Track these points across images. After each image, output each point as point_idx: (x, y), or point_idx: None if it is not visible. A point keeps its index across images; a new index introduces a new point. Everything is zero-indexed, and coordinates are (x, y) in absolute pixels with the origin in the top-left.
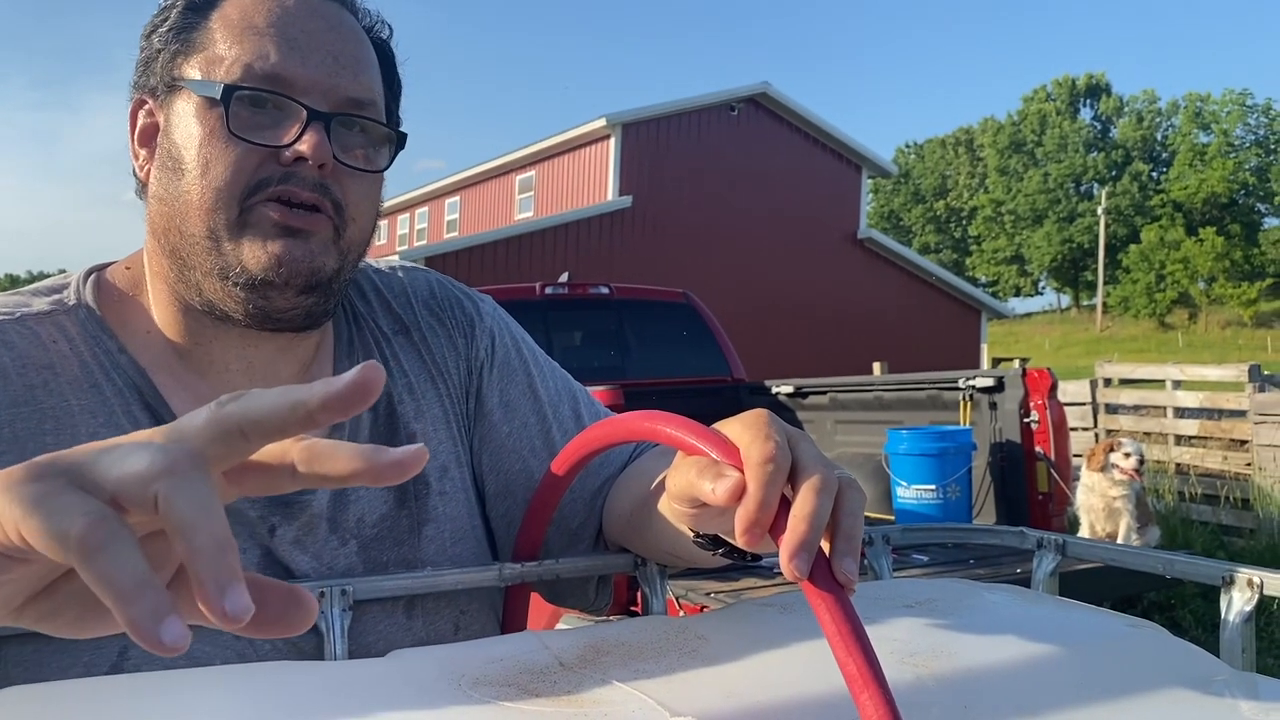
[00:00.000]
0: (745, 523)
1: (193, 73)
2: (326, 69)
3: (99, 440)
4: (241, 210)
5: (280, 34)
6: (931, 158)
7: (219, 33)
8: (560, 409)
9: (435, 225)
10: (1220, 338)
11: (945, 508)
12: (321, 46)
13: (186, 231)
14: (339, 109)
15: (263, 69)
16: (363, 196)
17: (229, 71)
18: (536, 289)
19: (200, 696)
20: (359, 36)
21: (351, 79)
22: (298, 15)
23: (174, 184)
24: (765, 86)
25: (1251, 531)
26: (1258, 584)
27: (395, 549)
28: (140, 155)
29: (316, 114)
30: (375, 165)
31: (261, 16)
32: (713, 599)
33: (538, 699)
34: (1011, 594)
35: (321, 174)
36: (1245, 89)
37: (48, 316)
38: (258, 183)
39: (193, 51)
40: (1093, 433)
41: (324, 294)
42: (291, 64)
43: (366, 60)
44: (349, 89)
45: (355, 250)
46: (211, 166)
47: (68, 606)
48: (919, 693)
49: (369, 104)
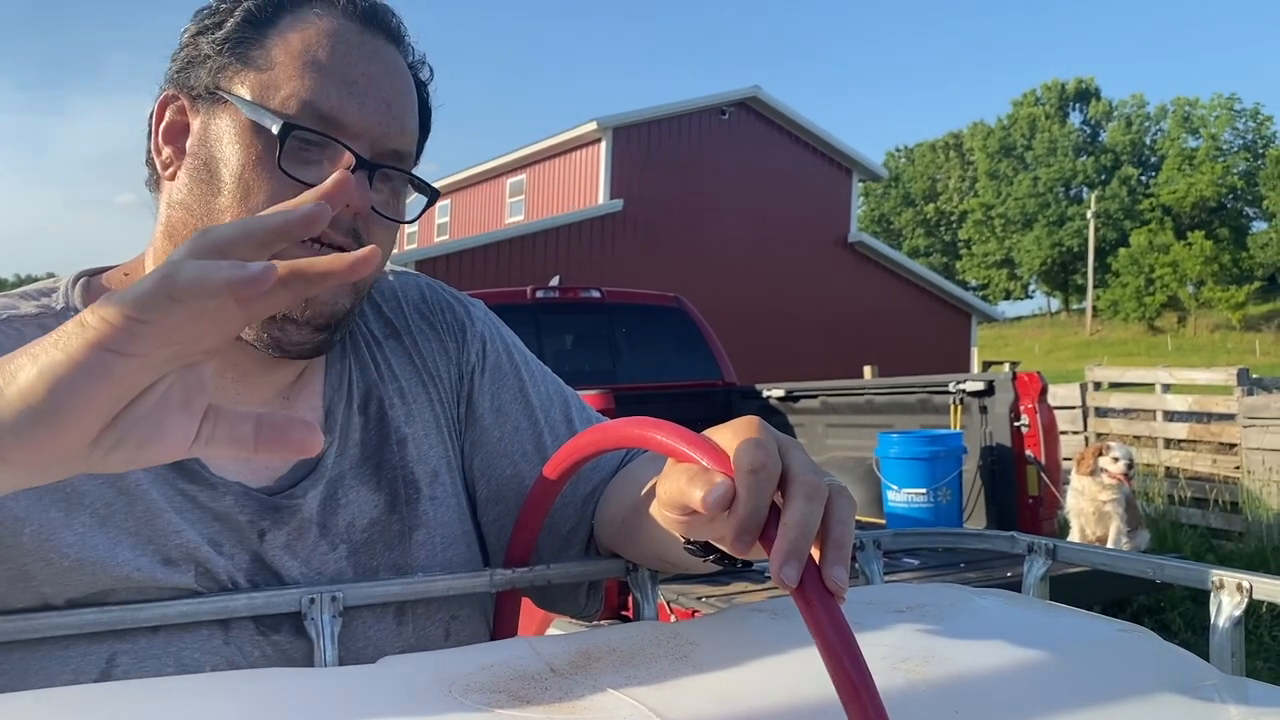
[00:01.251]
0: (735, 530)
1: (242, 90)
2: (380, 117)
3: None
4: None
5: (343, 75)
6: (922, 161)
7: (279, 58)
8: (551, 413)
9: (425, 229)
10: (1209, 341)
11: (936, 511)
12: (378, 93)
13: None
14: (382, 157)
15: (323, 109)
16: (385, 241)
17: (285, 103)
18: (528, 293)
19: (189, 704)
20: (408, 83)
21: (400, 130)
22: (360, 57)
23: (207, 198)
24: (756, 90)
25: (1240, 534)
26: (1247, 588)
27: (386, 554)
28: (164, 151)
29: (365, 162)
30: (403, 215)
31: (325, 52)
32: (704, 604)
33: (529, 705)
34: (1002, 598)
35: (355, 220)
36: (1233, 93)
37: (34, 319)
38: None
39: (247, 68)
40: (1083, 436)
41: (338, 330)
42: (349, 108)
43: (413, 109)
44: (395, 140)
45: (366, 288)
46: (252, 194)
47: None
48: (910, 698)
49: (407, 156)
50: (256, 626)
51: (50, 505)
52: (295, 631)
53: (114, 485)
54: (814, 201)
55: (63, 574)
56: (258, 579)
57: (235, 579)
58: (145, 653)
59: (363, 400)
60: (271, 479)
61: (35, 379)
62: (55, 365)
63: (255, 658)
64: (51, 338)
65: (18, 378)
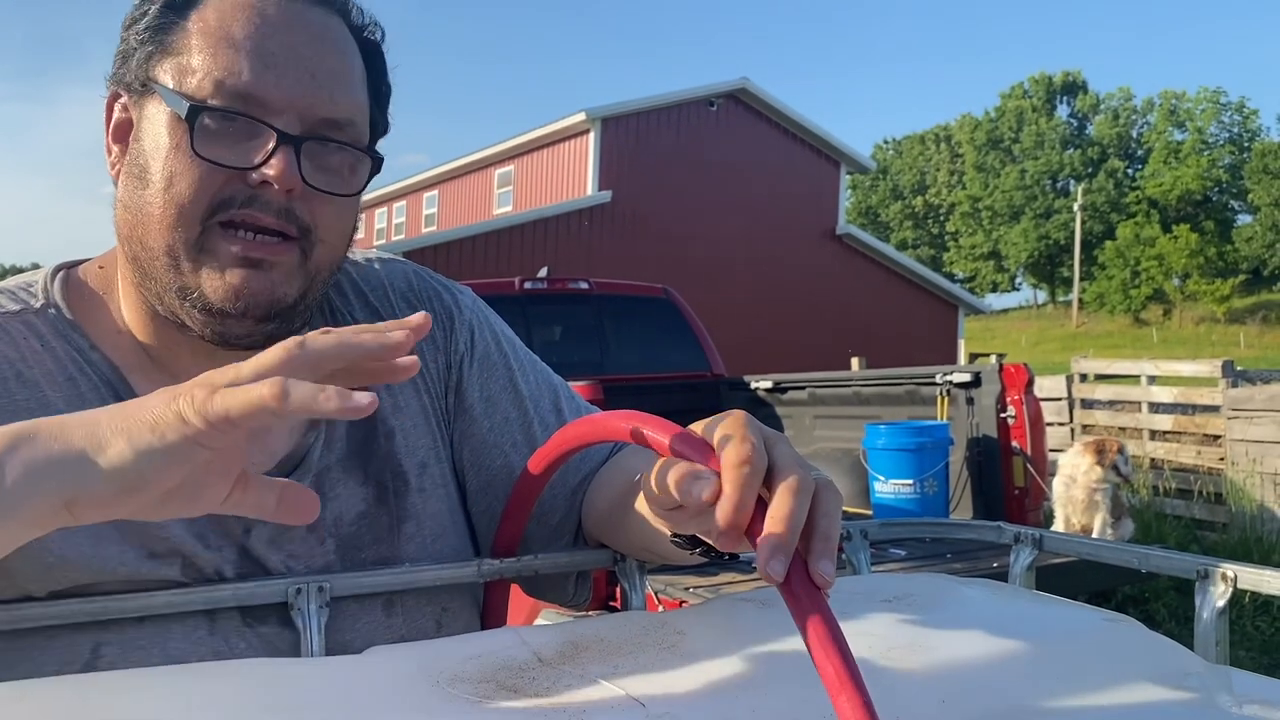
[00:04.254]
0: (722, 525)
1: (165, 78)
2: (303, 87)
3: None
4: (203, 230)
5: (256, 48)
6: (910, 154)
7: (195, 39)
8: (541, 403)
9: (413, 219)
10: (1194, 334)
11: (923, 502)
12: (299, 63)
13: (147, 244)
14: (314, 129)
15: (234, 86)
16: (334, 218)
17: (199, 85)
18: (516, 284)
19: (175, 694)
20: (343, 48)
21: (328, 98)
22: (278, 27)
23: (138, 193)
24: (744, 82)
25: (1224, 526)
26: (1231, 578)
27: (374, 547)
28: (113, 151)
29: (286, 136)
30: (349, 188)
31: (239, 27)
32: (692, 594)
33: (516, 696)
34: (989, 588)
35: (289, 198)
36: (1219, 87)
37: (17, 315)
38: (220, 202)
39: (168, 54)
40: (1068, 428)
41: (286, 319)
42: (265, 82)
43: (348, 75)
44: (325, 109)
45: (325, 270)
46: (175, 182)
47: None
48: (897, 688)
49: (346, 124)
50: (243, 617)
51: None
52: (282, 622)
53: None
54: (802, 193)
55: (46, 570)
56: (244, 572)
57: (222, 572)
58: (131, 643)
59: None
60: (257, 473)
61: (129, 458)
62: (150, 449)
63: (241, 649)
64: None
65: (106, 450)
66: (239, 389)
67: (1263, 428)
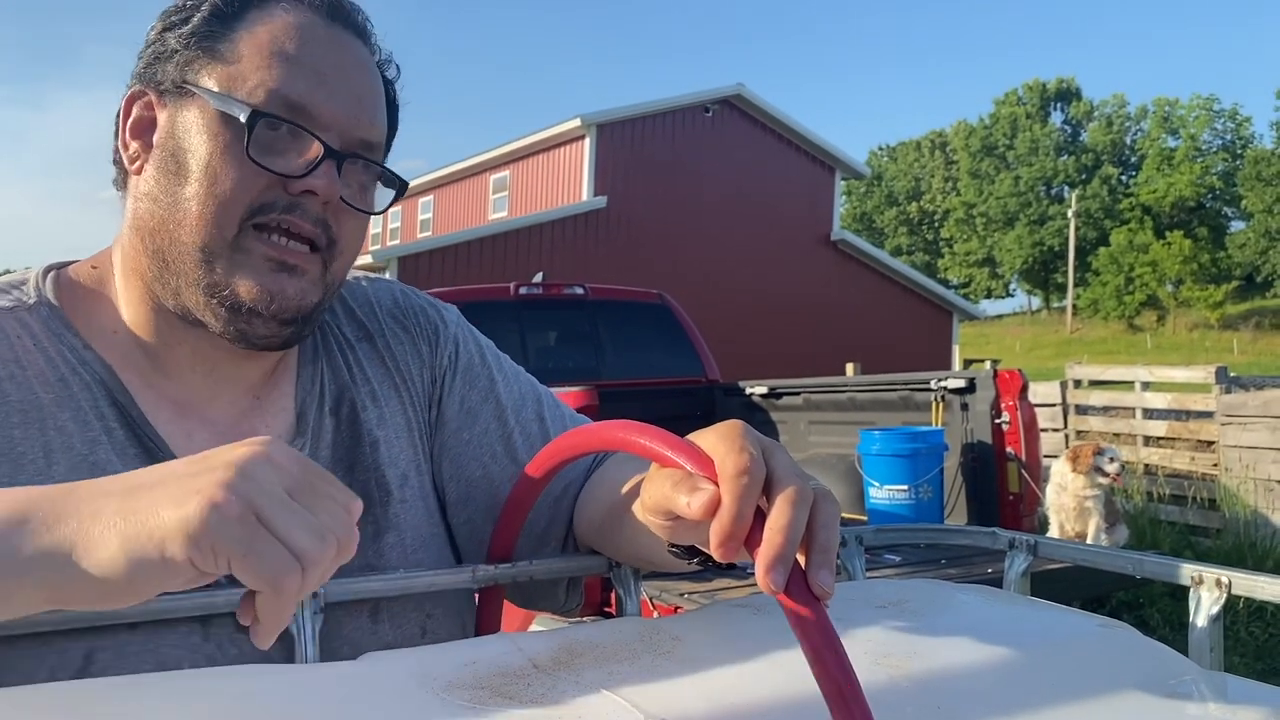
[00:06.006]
0: (720, 536)
1: (209, 82)
2: (349, 108)
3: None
4: (240, 230)
5: (312, 66)
6: (904, 160)
7: (246, 50)
8: (523, 413)
9: (409, 224)
10: (1188, 340)
11: (917, 508)
12: (348, 84)
13: (179, 239)
14: (351, 148)
15: (288, 97)
16: (355, 233)
17: (253, 94)
18: (511, 289)
19: (168, 701)
20: (377, 76)
21: (369, 121)
22: (329, 49)
23: (174, 189)
24: (739, 88)
25: (1218, 531)
26: (1226, 584)
27: (357, 555)
28: (131, 146)
29: (333, 151)
30: (374, 206)
31: (293, 44)
32: (687, 600)
33: (511, 702)
34: (983, 594)
35: (325, 209)
36: (1212, 94)
37: (10, 313)
38: (261, 206)
39: (214, 62)
40: (1063, 434)
41: (304, 323)
42: (319, 98)
43: (381, 101)
44: (364, 130)
45: (338, 282)
46: (220, 182)
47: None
48: (892, 694)
49: (376, 147)
50: (236, 624)
51: None
52: None
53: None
54: (797, 199)
55: None
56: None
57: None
58: (124, 649)
59: (335, 403)
60: None
61: (120, 567)
62: (143, 562)
63: (234, 655)
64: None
65: (96, 552)
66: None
67: (1256, 433)
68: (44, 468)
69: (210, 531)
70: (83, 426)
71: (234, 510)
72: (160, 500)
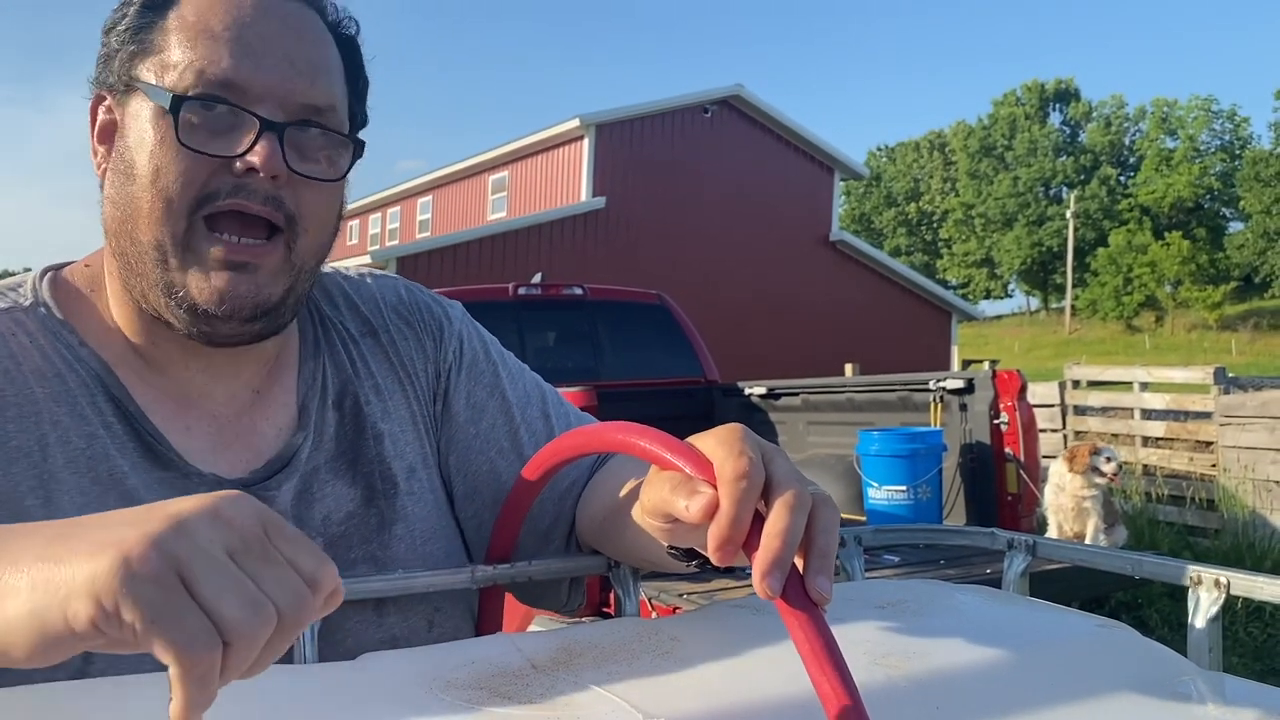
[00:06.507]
0: (718, 540)
1: (148, 75)
2: (282, 74)
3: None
4: (189, 225)
5: (235, 38)
6: (903, 161)
7: (174, 35)
8: (528, 410)
9: (407, 225)
10: (1186, 340)
11: (916, 508)
12: (277, 50)
13: (137, 238)
14: (295, 116)
15: (215, 75)
16: (319, 206)
17: (181, 78)
18: (510, 290)
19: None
20: (319, 37)
21: (308, 84)
22: (255, 17)
23: (126, 188)
24: (738, 88)
25: (1216, 532)
26: (1224, 584)
27: (363, 546)
28: (99, 152)
29: (269, 124)
30: (332, 174)
31: (217, 19)
32: (686, 600)
33: (510, 702)
34: (982, 594)
35: (275, 185)
36: (1210, 95)
37: (6, 313)
38: (207, 194)
39: (149, 53)
40: (1061, 434)
41: (273, 317)
42: (245, 70)
43: (326, 63)
44: (305, 95)
45: (310, 263)
46: (162, 175)
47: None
48: (891, 694)
49: (327, 110)
50: None
51: (28, 493)
52: None
53: (90, 473)
54: (796, 200)
55: None
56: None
57: None
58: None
59: (337, 396)
60: (246, 471)
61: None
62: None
63: None
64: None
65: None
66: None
67: (1254, 434)
68: (39, 461)
69: (116, 590)
70: (80, 421)
71: (149, 567)
72: (80, 550)
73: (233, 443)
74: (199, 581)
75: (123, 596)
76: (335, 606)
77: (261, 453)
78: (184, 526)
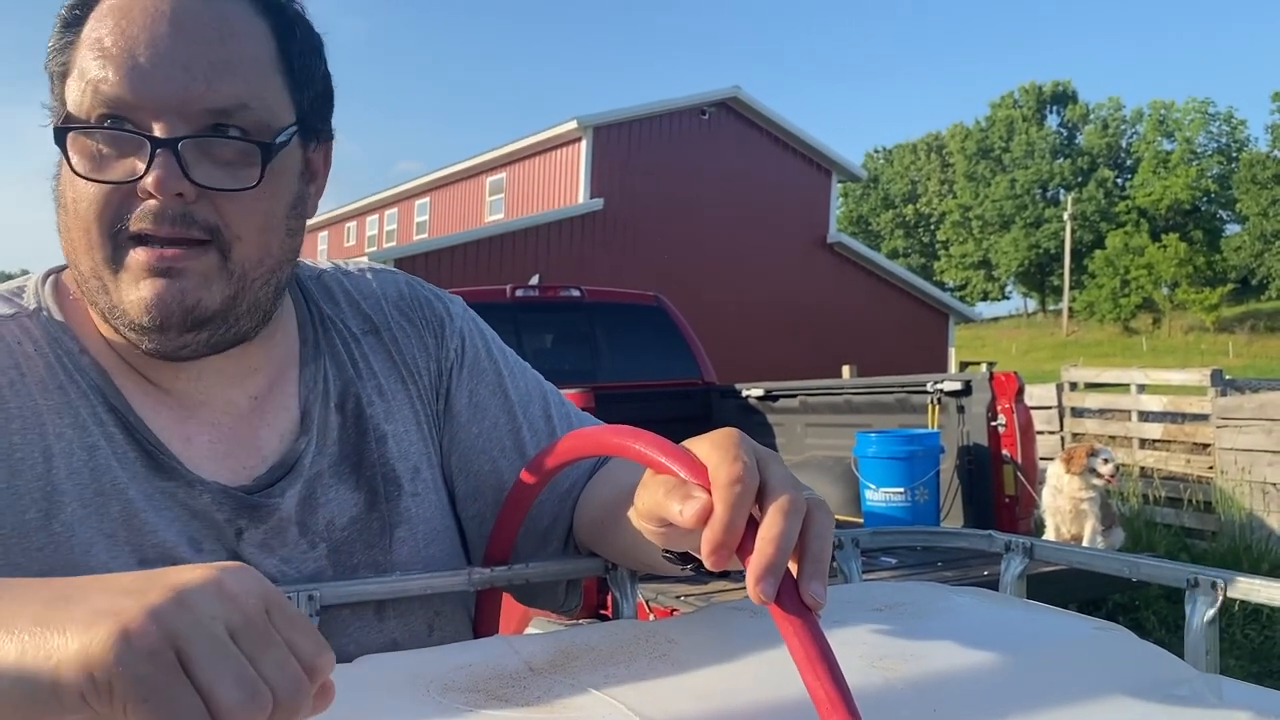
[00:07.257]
0: (712, 545)
1: (70, 97)
2: (174, 84)
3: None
4: (115, 245)
5: (122, 52)
6: (901, 163)
7: (79, 56)
8: (531, 409)
9: (405, 226)
10: (1183, 342)
11: (913, 510)
12: (168, 58)
13: (79, 268)
14: (200, 123)
15: (105, 96)
16: (246, 212)
17: (80, 103)
18: (507, 291)
19: None
20: (224, 31)
21: (204, 88)
22: (143, 26)
23: (62, 219)
24: (736, 90)
25: (1214, 534)
26: (1221, 587)
27: (366, 551)
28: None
29: (160, 141)
30: (247, 180)
31: (107, 33)
32: (683, 602)
33: (507, 705)
34: (979, 596)
35: (182, 202)
36: (1207, 97)
37: (12, 319)
38: (119, 219)
39: (69, 75)
40: (1058, 436)
41: (218, 325)
42: (133, 86)
43: (232, 59)
44: (205, 100)
45: (256, 268)
46: (75, 205)
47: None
48: (888, 696)
49: (236, 110)
50: None
51: (30, 505)
52: None
53: (93, 484)
54: (793, 202)
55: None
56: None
57: None
58: None
59: (340, 398)
60: (249, 478)
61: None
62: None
63: None
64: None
65: None
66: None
67: (1251, 436)
68: (43, 473)
69: (110, 664)
70: (82, 432)
71: (146, 643)
72: (76, 618)
73: (235, 449)
74: (196, 661)
75: (116, 671)
76: (326, 706)
77: (264, 459)
78: (185, 600)
